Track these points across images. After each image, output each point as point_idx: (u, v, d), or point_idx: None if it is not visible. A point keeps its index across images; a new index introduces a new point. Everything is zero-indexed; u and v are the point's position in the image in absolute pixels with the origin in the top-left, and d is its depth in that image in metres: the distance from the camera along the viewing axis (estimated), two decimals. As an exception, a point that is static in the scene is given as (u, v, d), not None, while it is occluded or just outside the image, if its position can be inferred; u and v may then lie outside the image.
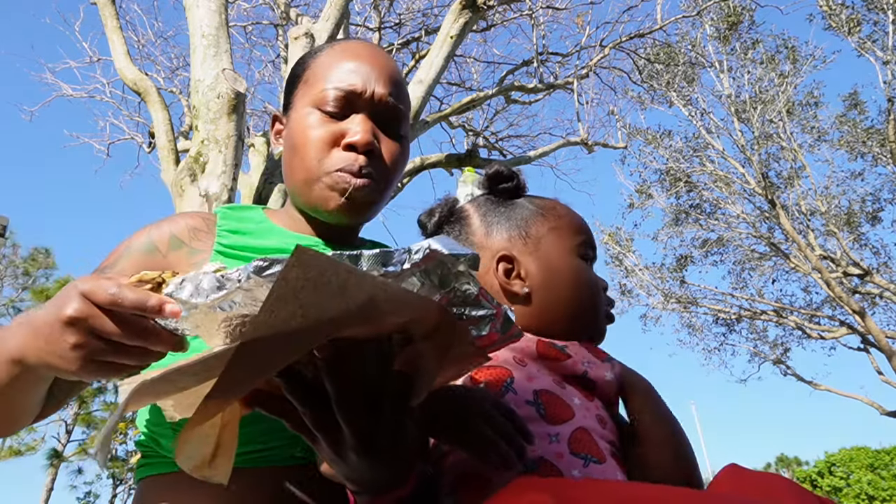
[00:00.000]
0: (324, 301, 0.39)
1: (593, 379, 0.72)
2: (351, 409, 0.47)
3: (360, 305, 0.41)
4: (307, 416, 0.49)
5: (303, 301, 0.38)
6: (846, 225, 12.79)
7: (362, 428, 0.48)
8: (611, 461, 0.66)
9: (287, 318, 0.39)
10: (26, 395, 0.65)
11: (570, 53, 8.92)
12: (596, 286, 0.80)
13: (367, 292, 0.40)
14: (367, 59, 0.83)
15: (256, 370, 0.44)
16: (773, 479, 0.58)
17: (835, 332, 12.57)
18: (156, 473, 0.74)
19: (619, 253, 14.32)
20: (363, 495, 0.55)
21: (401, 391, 0.49)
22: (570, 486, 0.55)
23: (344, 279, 0.39)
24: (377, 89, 0.81)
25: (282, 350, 0.42)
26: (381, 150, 0.81)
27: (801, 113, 13.24)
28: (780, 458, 31.29)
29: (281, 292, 0.38)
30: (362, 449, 0.49)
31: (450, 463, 0.65)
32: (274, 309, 0.38)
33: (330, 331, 0.42)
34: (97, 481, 15.72)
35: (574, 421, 0.67)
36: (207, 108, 3.65)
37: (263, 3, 8.51)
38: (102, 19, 5.09)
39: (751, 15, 13.00)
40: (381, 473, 0.53)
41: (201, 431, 0.50)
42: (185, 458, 0.51)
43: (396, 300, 0.43)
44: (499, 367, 0.70)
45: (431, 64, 5.19)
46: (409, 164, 7.09)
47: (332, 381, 0.47)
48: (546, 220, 0.81)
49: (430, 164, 7.10)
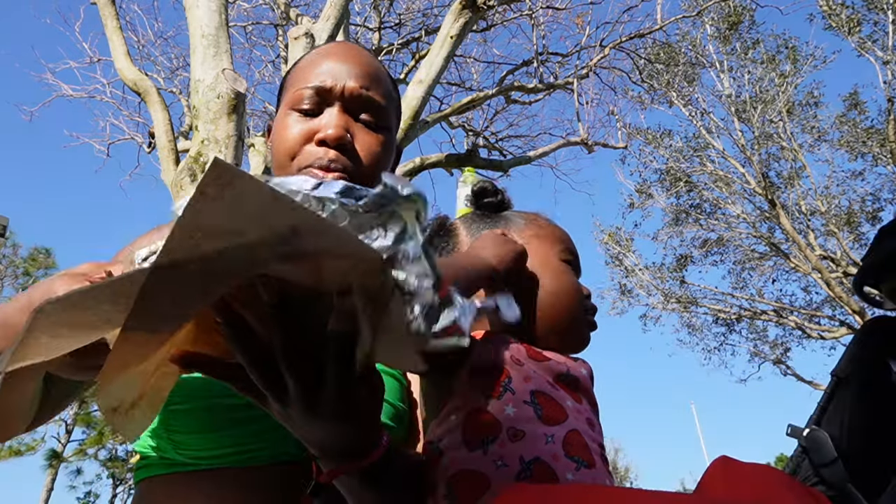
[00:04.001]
0: (241, 224, 0.37)
1: (576, 376, 0.74)
2: (294, 360, 0.47)
3: (281, 235, 0.38)
4: (252, 370, 0.48)
5: (216, 222, 0.36)
6: (846, 225, 12.78)
7: (306, 382, 0.48)
8: (600, 465, 0.67)
9: (201, 241, 0.37)
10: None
11: (570, 53, 8.92)
12: (577, 292, 0.81)
13: (289, 220, 0.38)
14: (340, 57, 0.83)
15: (178, 302, 0.41)
16: (764, 470, 0.58)
17: (835, 332, 12.57)
18: (154, 475, 0.75)
19: (619, 253, 14.32)
20: (325, 462, 0.56)
21: (342, 351, 0.48)
22: (560, 493, 0.55)
23: (266, 200, 0.36)
24: (348, 83, 0.81)
25: (202, 280, 0.40)
26: (356, 144, 0.80)
27: (801, 113, 13.24)
28: (780, 458, 31.28)
29: (197, 207, 0.35)
30: (307, 406, 0.49)
31: (446, 462, 0.65)
32: (187, 226, 0.36)
33: (253, 263, 0.40)
34: (97, 481, 15.74)
35: (567, 423, 0.68)
36: (207, 108, 3.65)
37: (263, 3, 8.51)
38: (102, 19, 5.09)
39: (751, 15, 13.01)
40: (334, 437, 0.53)
41: (127, 376, 0.47)
42: (105, 398, 0.47)
43: (325, 234, 0.40)
44: (498, 367, 0.70)
45: (431, 64, 5.20)
46: (409, 164, 7.09)
47: (277, 329, 0.46)
48: (528, 228, 0.84)
49: (430, 164, 7.10)
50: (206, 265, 0.38)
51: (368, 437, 0.56)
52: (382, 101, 0.83)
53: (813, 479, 1.44)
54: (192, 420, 0.70)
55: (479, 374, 0.71)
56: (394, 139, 0.87)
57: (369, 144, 0.80)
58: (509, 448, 0.64)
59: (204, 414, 0.70)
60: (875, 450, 1.39)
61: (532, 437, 0.65)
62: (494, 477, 0.62)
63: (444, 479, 0.64)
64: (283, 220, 0.38)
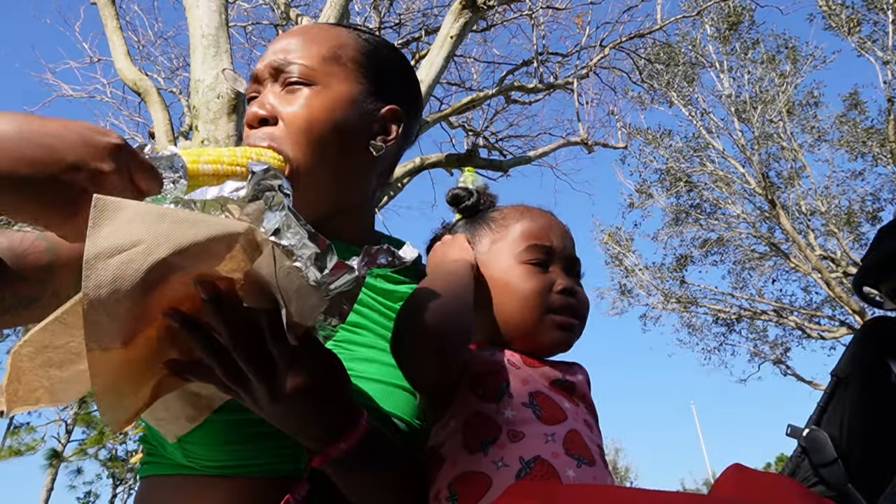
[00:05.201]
0: (134, 236, 0.46)
1: (571, 381, 0.75)
2: (243, 349, 0.52)
3: (165, 233, 0.47)
4: (217, 367, 0.53)
5: (115, 242, 0.46)
6: (846, 225, 12.78)
7: (259, 368, 0.53)
8: (600, 464, 0.68)
9: (109, 260, 0.46)
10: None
11: (570, 53, 8.93)
12: (536, 294, 0.76)
13: (167, 222, 0.47)
14: (273, 44, 0.86)
15: (115, 318, 0.48)
16: (778, 479, 0.58)
17: (835, 332, 12.57)
18: (159, 474, 0.74)
19: (619, 253, 14.32)
20: (312, 446, 0.60)
21: (272, 325, 0.53)
22: (562, 491, 0.55)
23: (146, 213, 0.47)
24: (265, 60, 0.83)
25: (127, 294, 0.47)
26: (279, 108, 0.80)
27: (801, 113, 13.24)
28: (780, 458, 31.26)
29: (95, 237, 0.45)
30: (269, 389, 0.54)
31: (447, 466, 0.66)
32: (93, 254, 0.45)
33: (156, 265, 0.47)
34: (97, 481, 15.74)
35: (567, 423, 0.68)
36: (207, 108, 3.65)
37: (263, 3, 8.52)
38: (102, 19, 5.10)
39: (751, 15, 13.01)
40: (306, 417, 0.58)
41: (117, 392, 0.54)
42: (106, 414, 0.54)
43: (195, 224, 0.48)
44: (495, 372, 0.71)
45: (431, 64, 5.20)
46: (409, 164, 7.10)
47: (221, 322, 0.51)
48: (495, 230, 0.83)
49: (430, 164, 7.10)
50: (121, 280, 0.46)
51: (339, 413, 0.60)
52: (301, 61, 0.81)
53: (812, 480, 1.44)
54: (207, 434, 0.68)
55: (477, 380, 0.71)
56: (333, 90, 0.81)
57: (289, 104, 0.80)
58: (509, 449, 0.64)
59: (220, 427, 0.68)
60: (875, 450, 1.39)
61: (532, 437, 0.65)
62: (495, 477, 0.62)
63: (446, 482, 0.64)
64: (162, 224, 0.47)
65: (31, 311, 0.70)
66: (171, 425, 0.64)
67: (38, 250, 0.71)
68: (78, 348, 0.51)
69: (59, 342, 0.52)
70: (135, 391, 0.55)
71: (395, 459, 0.67)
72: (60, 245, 0.72)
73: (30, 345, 0.51)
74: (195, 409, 0.63)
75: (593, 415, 0.76)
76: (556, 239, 0.80)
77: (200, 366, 0.55)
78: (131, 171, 0.54)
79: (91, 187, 0.50)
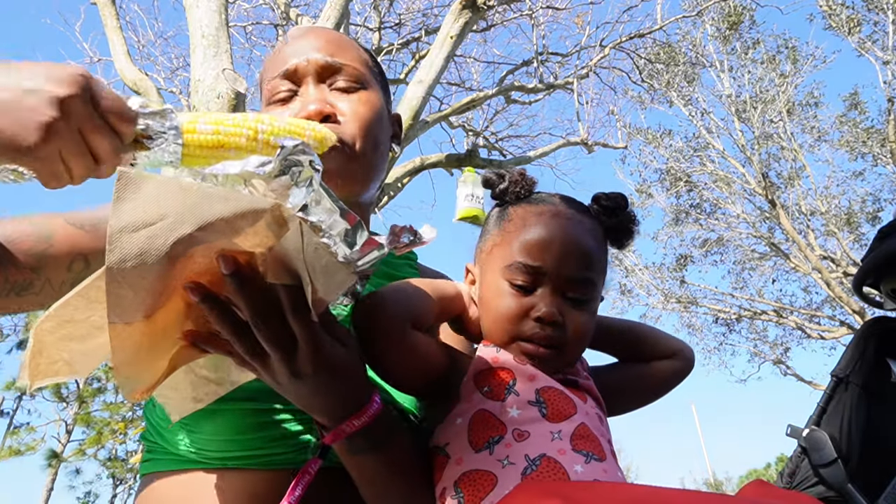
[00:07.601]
0: (159, 211, 0.46)
1: (573, 378, 0.75)
2: (265, 326, 0.52)
3: (191, 208, 0.47)
4: (236, 342, 0.53)
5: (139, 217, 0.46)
6: (846, 225, 12.78)
7: (280, 344, 0.53)
8: (611, 459, 0.67)
9: (133, 235, 0.46)
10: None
11: (570, 53, 8.92)
12: (511, 318, 0.72)
13: (192, 198, 0.47)
14: (298, 39, 0.86)
15: (138, 291, 0.48)
16: (798, 498, 0.59)
17: (835, 332, 12.56)
18: (160, 470, 0.75)
19: (619, 253, 14.29)
20: (325, 422, 0.60)
21: (294, 301, 0.53)
22: (579, 489, 0.55)
23: (170, 188, 0.47)
24: (311, 56, 0.83)
25: (152, 267, 0.47)
26: (338, 107, 0.81)
27: (801, 113, 13.23)
28: (781, 458, 31.25)
29: (118, 210, 0.45)
30: (289, 366, 0.54)
31: (453, 465, 0.66)
32: (118, 227, 0.45)
33: (180, 240, 0.47)
34: (97, 481, 15.74)
35: (577, 417, 0.68)
36: (207, 108, 3.65)
37: (263, 3, 8.51)
38: (102, 19, 5.10)
39: (751, 15, 13.00)
40: (324, 394, 0.58)
41: (138, 365, 0.54)
42: (123, 387, 0.55)
43: (224, 200, 0.48)
44: (501, 370, 0.71)
45: (431, 64, 5.19)
46: (409, 165, 7.09)
47: (241, 297, 0.51)
48: (498, 231, 0.78)
49: (430, 164, 7.09)
50: (147, 254, 0.46)
51: (357, 391, 0.60)
52: (351, 63, 0.84)
53: (812, 480, 1.44)
54: (219, 423, 0.69)
55: (483, 377, 0.71)
56: (377, 95, 0.87)
57: (350, 102, 0.82)
58: (515, 447, 0.64)
59: (232, 416, 0.69)
60: (875, 450, 1.39)
61: (537, 435, 0.65)
62: (501, 475, 0.62)
63: (451, 480, 0.64)
64: (188, 199, 0.47)
65: (23, 298, 0.72)
66: (177, 404, 0.65)
67: (32, 238, 0.72)
68: (99, 322, 0.51)
69: (81, 316, 0.52)
70: (153, 363, 0.56)
71: (404, 442, 0.68)
72: (55, 233, 0.73)
73: (51, 319, 0.52)
74: (203, 392, 0.64)
75: (601, 407, 0.75)
76: (552, 259, 0.72)
77: (219, 338, 0.56)
78: (97, 103, 0.54)
79: (52, 114, 0.50)
